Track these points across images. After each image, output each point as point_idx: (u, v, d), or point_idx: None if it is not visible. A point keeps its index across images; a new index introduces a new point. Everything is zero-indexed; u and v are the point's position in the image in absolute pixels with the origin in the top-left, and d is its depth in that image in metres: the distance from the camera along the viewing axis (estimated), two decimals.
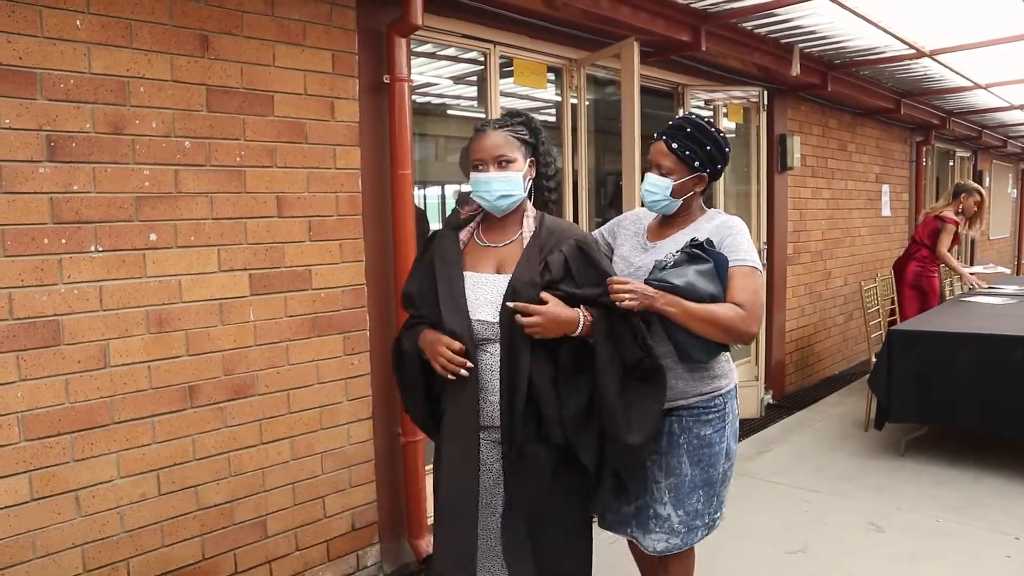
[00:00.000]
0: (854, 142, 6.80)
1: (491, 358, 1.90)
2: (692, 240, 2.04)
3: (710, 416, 2.09)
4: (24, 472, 2.18)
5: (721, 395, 2.11)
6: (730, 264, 1.99)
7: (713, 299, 1.95)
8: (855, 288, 6.71)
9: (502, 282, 1.90)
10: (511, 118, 2.00)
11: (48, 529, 2.23)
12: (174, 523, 2.50)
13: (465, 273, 1.95)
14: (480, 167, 1.93)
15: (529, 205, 2.01)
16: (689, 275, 1.94)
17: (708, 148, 2.08)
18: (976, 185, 5.91)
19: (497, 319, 1.87)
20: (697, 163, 2.08)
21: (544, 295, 1.84)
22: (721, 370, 2.12)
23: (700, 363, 2.05)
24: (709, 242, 2.02)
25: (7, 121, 2.09)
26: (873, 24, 4.25)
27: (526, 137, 1.98)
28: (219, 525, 2.62)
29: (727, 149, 2.12)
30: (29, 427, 2.18)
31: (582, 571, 2.03)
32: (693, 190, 2.11)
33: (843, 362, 6.96)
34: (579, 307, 1.87)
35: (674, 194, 2.09)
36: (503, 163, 1.92)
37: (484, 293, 1.91)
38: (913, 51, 4.93)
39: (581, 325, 1.85)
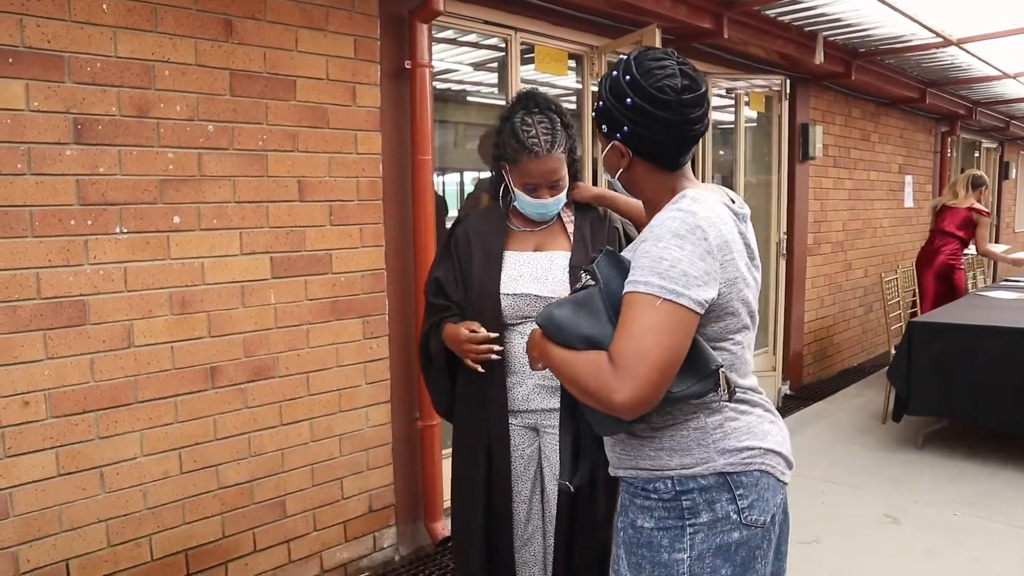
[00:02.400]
0: (877, 132, 6.72)
1: (526, 340, 1.91)
2: (604, 250, 1.41)
3: (650, 503, 1.35)
4: (51, 448, 2.22)
5: (669, 479, 1.34)
6: (625, 288, 1.28)
7: (588, 343, 1.29)
8: (875, 279, 6.65)
9: (546, 259, 1.93)
10: (558, 131, 1.90)
11: (74, 504, 2.28)
12: (195, 501, 2.55)
13: (506, 252, 1.96)
14: (534, 191, 1.91)
15: None
16: (563, 308, 1.34)
17: (600, 104, 1.41)
18: (985, 175, 5.89)
19: (545, 293, 1.88)
20: (604, 127, 1.42)
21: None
22: (676, 441, 1.34)
23: (609, 434, 1.41)
24: (608, 252, 1.37)
25: (36, 104, 2.12)
26: (899, 12, 4.19)
27: (570, 146, 1.94)
28: (239, 504, 2.66)
29: (631, 100, 1.33)
30: (56, 404, 2.22)
31: None
32: (619, 166, 1.41)
33: (862, 354, 6.91)
34: None
35: (609, 172, 1.48)
36: (557, 185, 1.92)
37: (529, 270, 1.92)
38: (940, 39, 4.86)
39: None
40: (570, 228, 2.00)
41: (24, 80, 2.09)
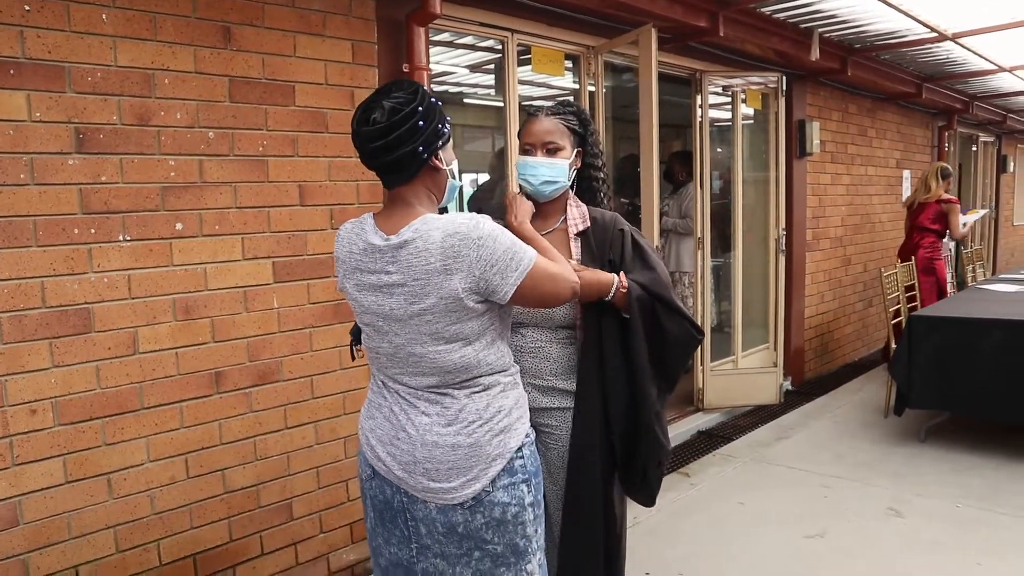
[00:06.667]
0: (874, 127, 6.74)
1: (521, 340, 1.94)
2: None
3: None
4: (59, 455, 2.24)
5: None
6: None
7: None
8: (875, 274, 6.66)
9: None
10: (563, 107, 2.01)
11: (82, 511, 2.29)
12: (202, 506, 2.56)
13: None
14: (529, 151, 1.97)
15: (572, 194, 2.03)
16: None
17: None
18: (949, 166, 6.20)
19: None
20: None
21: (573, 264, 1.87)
22: None
23: None
24: None
25: (38, 114, 2.14)
26: (894, 7, 4.21)
27: (575, 127, 2.00)
28: (245, 508, 2.67)
29: None
30: (63, 412, 2.24)
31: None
32: None
33: (863, 348, 6.93)
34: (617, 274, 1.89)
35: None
36: (551, 149, 1.95)
37: None
38: (935, 34, 4.87)
39: (615, 288, 1.85)
40: (574, 242, 1.98)
41: (26, 91, 2.11)
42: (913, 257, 5.87)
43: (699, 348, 4.87)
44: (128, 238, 2.34)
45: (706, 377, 4.97)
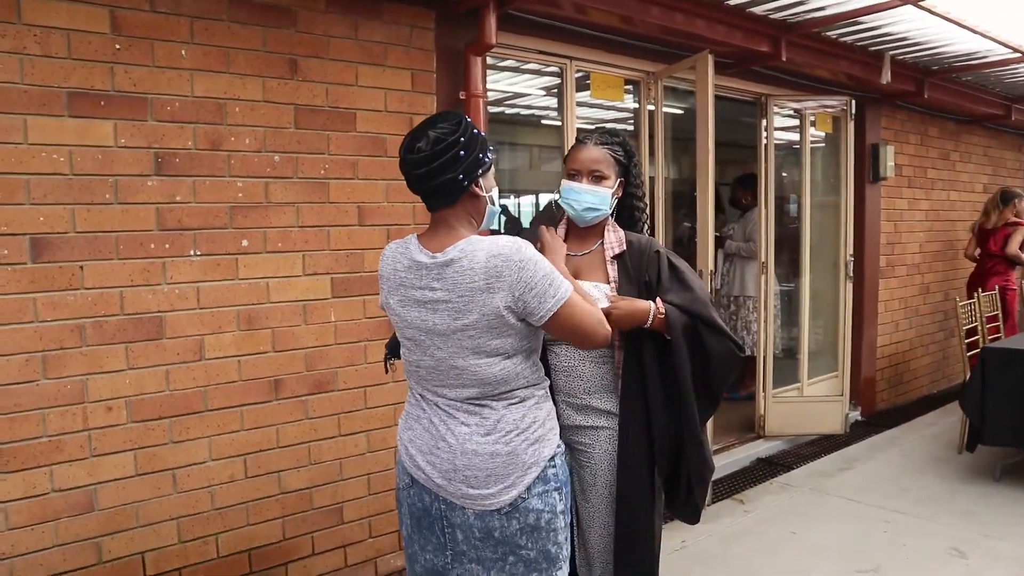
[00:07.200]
0: (958, 151, 6.48)
1: (555, 359, 2.01)
2: None
3: None
4: (130, 450, 2.45)
5: None
6: None
7: None
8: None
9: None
10: (610, 136, 2.08)
11: (149, 502, 2.50)
12: (258, 504, 2.73)
13: None
14: (575, 176, 2.05)
15: (611, 220, 2.10)
16: None
17: None
18: (1017, 189, 6.00)
19: None
20: None
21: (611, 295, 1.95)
22: None
23: None
24: None
25: (122, 141, 2.37)
26: (969, 29, 4.08)
27: (621, 157, 2.07)
28: (299, 509, 2.83)
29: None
30: (135, 410, 2.45)
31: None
32: None
33: (943, 380, 6.62)
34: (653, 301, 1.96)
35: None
36: (596, 177, 2.03)
37: None
38: (1018, 55, 4.68)
39: (652, 316, 1.92)
40: (610, 265, 2.05)
41: (113, 120, 2.35)
42: (985, 284, 5.65)
43: (763, 374, 4.82)
44: (198, 253, 2.54)
45: (768, 404, 4.88)
